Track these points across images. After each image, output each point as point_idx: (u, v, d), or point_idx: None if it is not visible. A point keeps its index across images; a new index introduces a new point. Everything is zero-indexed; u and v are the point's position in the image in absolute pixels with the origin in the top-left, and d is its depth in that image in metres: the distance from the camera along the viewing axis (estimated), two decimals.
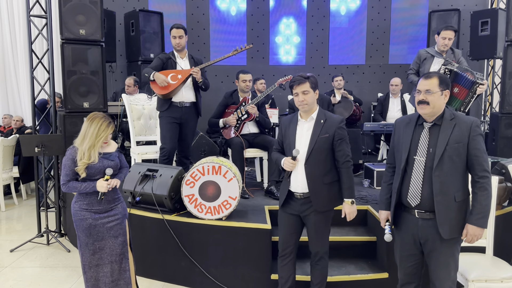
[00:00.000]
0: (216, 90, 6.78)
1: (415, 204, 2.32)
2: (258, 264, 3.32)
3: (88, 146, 2.61)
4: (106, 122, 2.66)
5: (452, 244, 2.30)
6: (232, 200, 3.38)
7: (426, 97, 2.27)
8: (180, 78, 3.99)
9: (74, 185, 2.64)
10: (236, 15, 7.20)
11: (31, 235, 4.46)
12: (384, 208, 2.54)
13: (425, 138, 2.32)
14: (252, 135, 4.50)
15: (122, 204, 2.84)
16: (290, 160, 2.77)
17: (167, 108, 4.11)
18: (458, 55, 4.33)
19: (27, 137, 4.33)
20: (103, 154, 2.70)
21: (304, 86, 2.73)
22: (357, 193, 4.29)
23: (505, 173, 3.67)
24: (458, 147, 2.23)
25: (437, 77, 2.30)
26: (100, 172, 2.67)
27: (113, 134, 2.75)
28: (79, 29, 4.47)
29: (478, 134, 2.24)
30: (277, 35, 7.31)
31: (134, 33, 6.44)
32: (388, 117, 5.97)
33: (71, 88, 4.51)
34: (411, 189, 2.33)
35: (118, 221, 2.77)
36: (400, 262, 2.49)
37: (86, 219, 2.68)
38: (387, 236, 2.44)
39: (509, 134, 4.88)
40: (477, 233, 2.24)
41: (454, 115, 2.30)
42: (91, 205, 2.69)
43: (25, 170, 5.95)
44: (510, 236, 3.25)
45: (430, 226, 2.29)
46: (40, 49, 6.65)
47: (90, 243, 2.70)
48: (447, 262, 2.30)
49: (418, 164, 2.32)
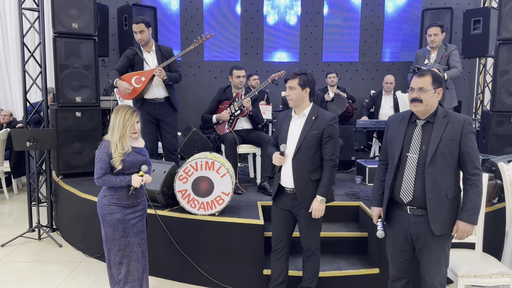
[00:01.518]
0: (210, 86, 6.76)
1: (407, 201, 2.35)
2: (250, 260, 3.33)
3: (119, 136, 2.64)
4: (130, 111, 2.69)
5: (443, 241, 2.33)
6: (225, 196, 3.39)
7: (419, 95, 2.29)
8: (144, 80, 3.95)
9: (110, 178, 2.65)
10: (230, 10, 7.17)
11: (22, 230, 4.44)
12: (376, 205, 2.57)
13: (418, 135, 2.34)
14: (246, 131, 4.51)
15: (145, 201, 2.87)
16: (278, 155, 2.80)
17: (140, 105, 4.13)
18: (451, 49, 4.42)
19: (19, 131, 4.30)
20: (134, 149, 2.73)
21: (292, 82, 2.77)
22: (349, 189, 4.33)
23: (495, 170, 3.72)
24: (451, 144, 2.26)
25: (430, 75, 2.31)
26: (133, 166, 2.69)
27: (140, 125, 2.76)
28: (72, 23, 4.43)
29: (470, 131, 2.27)
30: (271, 32, 7.29)
31: (127, 28, 6.39)
32: (381, 114, 6.00)
33: (63, 83, 4.49)
34: (403, 186, 2.35)
35: (140, 217, 2.79)
36: (391, 258, 2.52)
37: (115, 213, 2.69)
38: (379, 232, 2.47)
39: (500, 132, 4.93)
40: (467, 230, 2.27)
41: (447, 113, 2.32)
42: (121, 199, 2.70)
43: (16, 165, 5.91)
44: (499, 233, 3.29)
45: (422, 223, 2.32)
46: (32, 43, 6.59)
47: (117, 239, 2.71)
48: (438, 258, 2.33)
49: (411, 161, 2.34)
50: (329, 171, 2.75)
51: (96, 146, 4.62)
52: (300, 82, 2.76)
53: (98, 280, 3.51)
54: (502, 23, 4.80)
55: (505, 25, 4.80)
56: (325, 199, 2.75)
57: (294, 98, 2.78)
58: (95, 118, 4.67)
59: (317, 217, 2.77)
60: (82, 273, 3.64)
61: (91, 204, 3.87)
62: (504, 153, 4.59)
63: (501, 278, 2.68)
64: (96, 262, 3.84)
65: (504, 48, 4.86)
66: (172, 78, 4.13)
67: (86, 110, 4.61)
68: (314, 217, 2.77)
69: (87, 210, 3.95)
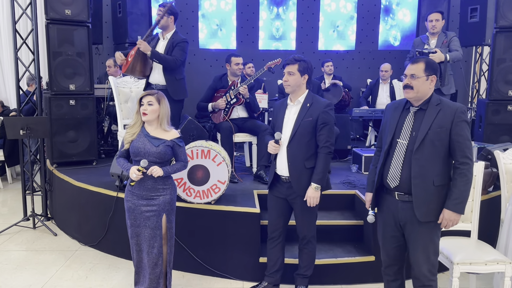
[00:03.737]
0: (205, 74, 6.70)
1: (394, 185, 2.36)
2: (246, 248, 3.33)
3: (136, 110, 2.71)
4: (141, 95, 2.69)
5: (431, 228, 2.32)
6: (221, 184, 3.38)
7: (410, 82, 2.29)
8: (133, 53, 3.81)
9: (120, 161, 2.73)
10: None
11: (17, 218, 4.41)
12: (370, 190, 2.57)
13: (410, 121, 2.35)
14: (242, 119, 4.48)
15: (165, 197, 2.71)
16: (273, 143, 2.79)
17: (144, 89, 4.04)
18: (451, 35, 4.43)
19: (12, 120, 4.25)
20: (152, 138, 2.66)
21: (292, 67, 2.73)
22: (345, 178, 4.33)
23: (491, 158, 3.72)
24: (440, 132, 2.25)
25: (423, 62, 2.30)
26: (140, 154, 2.64)
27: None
28: (65, 9, 4.36)
29: (462, 120, 2.25)
30: (267, 19, 7.23)
31: (121, 15, 6.30)
32: (378, 103, 5.98)
33: (56, 70, 4.43)
34: (391, 171, 2.37)
35: (155, 213, 2.68)
36: (382, 243, 2.53)
37: (128, 200, 2.72)
38: (369, 217, 2.51)
39: (496, 120, 4.93)
40: (453, 218, 2.27)
41: (440, 101, 2.31)
42: (134, 187, 2.68)
43: (10, 154, 5.85)
44: (495, 221, 3.30)
45: (408, 208, 2.33)
46: (25, 29, 6.47)
47: (129, 226, 2.73)
48: (425, 246, 2.33)
49: (400, 146, 2.35)
50: (324, 158, 2.73)
51: (90, 134, 4.62)
52: (300, 68, 2.73)
53: (93, 268, 3.50)
54: (500, 11, 4.78)
55: (502, 13, 4.77)
56: (320, 186, 2.74)
57: (292, 83, 2.75)
58: (89, 106, 4.62)
59: (312, 205, 2.76)
60: (77, 261, 3.63)
61: (86, 193, 3.85)
62: (500, 142, 4.59)
63: (496, 265, 2.69)
64: (91, 251, 3.83)
65: (501, 36, 4.84)
66: (159, 57, 3.79)
67: (80, 98, 4.56)
68: (309, 205, 2.76)
69: (82, 199, 3.92)
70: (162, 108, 2.68)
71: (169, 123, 2.76)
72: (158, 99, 2.66)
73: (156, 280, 2.73)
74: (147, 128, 2.71)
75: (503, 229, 3.01)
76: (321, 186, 2.74)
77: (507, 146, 4.00)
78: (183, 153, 2.77)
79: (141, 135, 2.68)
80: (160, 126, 2.70)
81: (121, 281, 3.31)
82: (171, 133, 2.72)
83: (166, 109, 2.71)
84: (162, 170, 2.63)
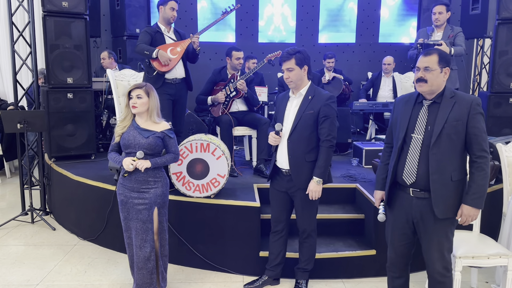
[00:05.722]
0: (204, 67, 6.64)
1: (410, 182, 2.28)
2: (247, 241, 3.31)
3: (125, 103, 2.68)
4: (129, 88, 2.65)
5: (446, 225, 2.27)
6: (221, 178, 3.34)
7: (424, 75, 2.21)
8: (180, 51, 3.77)
9: (111, 156, 2.73)
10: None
11: (15, 213, 4.38)
12: (379, 188, 2.49)
13: (424, 115, 2.27)
14: (241, 113, 4.44)
15: (156, 190, 2.69)
16: (273, 135, 2.76)
17: (161, 85, 3.86)
18: (457, 30, 4.40)
19: (9, 113, 4.20)
20: (142, 130, 2.64)
21: (289, 63, 2.68)
22: (345, 171, 4.30)
23: (493, 151, 3.68)
24: (457, 125, 2.18)
25: (437, 54, 2.22)
26: (130, 146, 2.63)
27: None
28: (62, 1, 4.31)
29: (478, 112, 2.19)
30: (267, 12, 7.16)
31: (119, 7, 6.23)
32: (379, 96, 5.94)
33: (54, 63, 4.38)
34: (406, 167, 2.29)
35: (146, 206, 2.66)
36: (391, 241, 2.46)
37: (120, 193, 2.71)
38: (380, 216, 2.39)
39: (498, 113, 4.89)
40: (472, 214, 2.21)
41: (454, 93, 2.24)
42: (126, 179, 2.67)
43: (8, 148, 5.82)
44: (497, 214, 3.28)
45: (424, 205, 2.26)
46: (21, 22, 6.39)
47: (122, 219, 2.72)
48: (440, 243, 2.27)
49: (415, 142, 2.27)
50: (326, 152, 2.70)
51: (89, 128, 4.58)
52: (297, 61, 2.68)
53: (92, 263, 3.48)
54: (502, 2, 4.72)
55: (505, 5, 4.72)
56: (321, 180, 2.70)
57: (294, 79, 2.71)
58: (87, 99, 4.57)
59: (314, 199, 2.73)
60: (76, 256, 3.60)
61: (84, 187, 3.82)
62: (502, 135, 4.56)
63: (498, 259, 2.67)
64: (90, 245, 3.80)
65: (504, 28, 4.79)
66: (197, 52, 3.93)
67: (78, 92, 4.52)
68: (311, 198, 2.73)
69: (80, 193, 3.89)
70: (151, 101, 2.66)
71: (159, 115, 2.73)
72: (147, 92, 2.64)
73: (149, 275, 2.69)
74: (137, 121, 2.70)
75: (506, 222, 2.98)
76: (323, 180, 2.71)
77: (509, 139, 3.97)
78: (174, 145, 2.74)
79: (132, 127, 2.68)
80: (150, 118, 2.69)
81: (120, 275, 3.29)
82: (161, 125, 2.71)
83: (156, 102, 2.69)
84: (150, 161, 2.61)
